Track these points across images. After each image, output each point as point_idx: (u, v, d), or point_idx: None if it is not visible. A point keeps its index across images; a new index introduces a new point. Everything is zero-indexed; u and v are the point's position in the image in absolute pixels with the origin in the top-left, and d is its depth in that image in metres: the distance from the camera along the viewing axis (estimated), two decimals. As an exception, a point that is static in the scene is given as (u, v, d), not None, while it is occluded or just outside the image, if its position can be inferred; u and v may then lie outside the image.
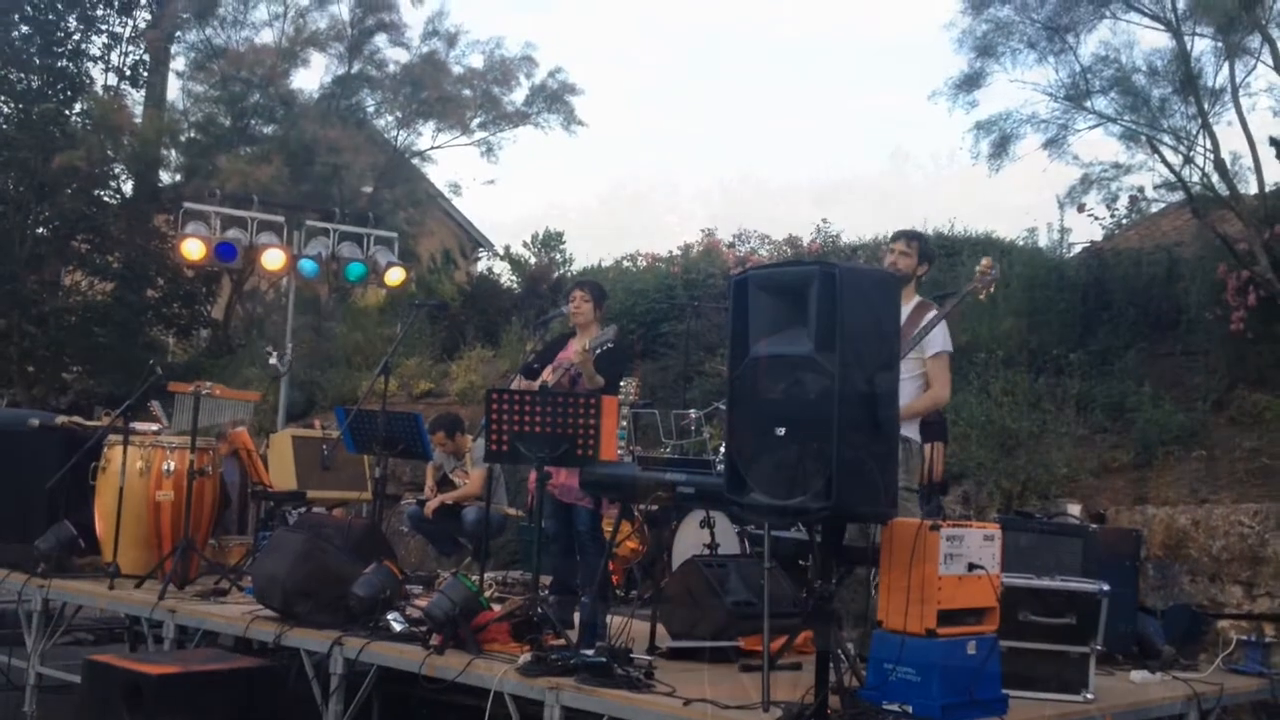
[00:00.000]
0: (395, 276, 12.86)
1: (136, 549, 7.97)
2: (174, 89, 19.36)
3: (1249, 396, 9.03)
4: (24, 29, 17.84)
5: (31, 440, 8.80)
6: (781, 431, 4.69)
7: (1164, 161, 9.54)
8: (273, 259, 12.31)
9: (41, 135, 16.85)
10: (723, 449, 7.03)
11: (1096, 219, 11.25)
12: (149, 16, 18.91)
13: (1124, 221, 12.16)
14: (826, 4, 51.03)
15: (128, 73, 19.08)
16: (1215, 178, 9.28)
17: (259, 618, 6.69)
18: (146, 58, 19.15)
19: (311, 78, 44.95)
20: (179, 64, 19.09)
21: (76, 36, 18.41)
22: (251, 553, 8.25)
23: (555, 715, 5.23)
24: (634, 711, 5.04)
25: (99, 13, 18.78)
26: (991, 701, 4.98)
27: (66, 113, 17.86)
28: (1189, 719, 6.03)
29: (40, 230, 17.76)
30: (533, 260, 18.64)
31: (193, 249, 12.05)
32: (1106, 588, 5.62)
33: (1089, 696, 5.50)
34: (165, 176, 18.56)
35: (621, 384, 8.07)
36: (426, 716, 6.73)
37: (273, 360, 12.11)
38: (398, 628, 6.23)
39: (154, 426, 8.79)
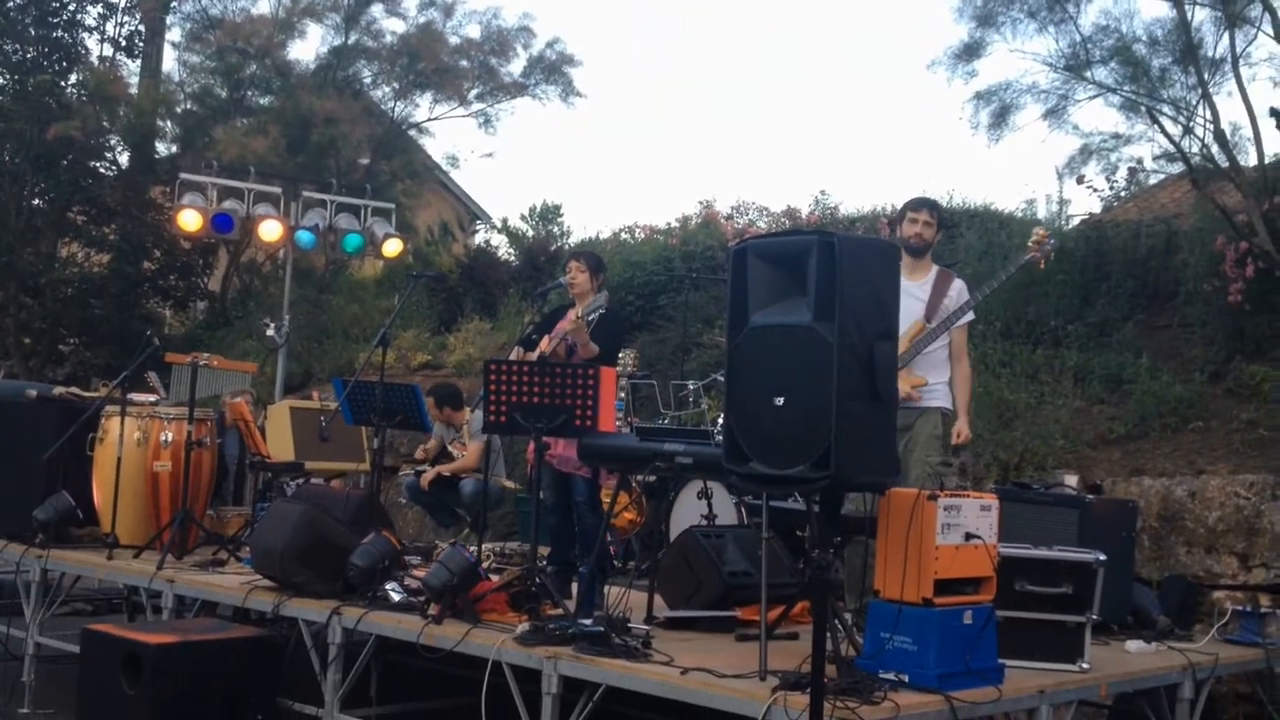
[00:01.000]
0: (393, 248, 12.85)
1: (134, 519, 7.98)
2: (170, 60, 19.31)
3: (1246, 368, 9.03)
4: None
5: (29, 411, 8.79)
6: (780, 401, 4.69)
7: (1164, 132, 9.51)
8: (270, 230, 12.30)
9: (37, 106, 16.78)
10: (721, 419, 7.03)
11: (1095, 190, 11.25)
12: (144, -14, 18.81)
13: (1122, 194, 12.14)
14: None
15: (123, 43, 18.98)
16: (1215, 148, 9.25)
17: (257, 588, 6.70)
18: (142, 28, 19.05)
19: (308, 49, 44.66)
20: (175, 34, 19.02)
21: (72, 7, 18.31)
22: (250, 523, 8.26)
23: (553, 684, 5.24)
24: (632, 680, 5.05)
25: (94, -17, 18.69)
26: (987, 671, 5.00)
27: (62, 84, 17.77)
28: (1184, 689, 6.06)
29: (36, 202, 17.71)
30: (530, 233, 18.62)
31: (189, 220, 12.04)
32: (1103, 557, 5.63)
33: (1085, 666, 5.52)
34: (161, 148, 18.51)
35: (620, 355, 8.07)
36: (424, 686, 6.77)
37: (270, 332, 12.12)
38: (396, 598, 6.23)
39: (151, 398, 8.78)
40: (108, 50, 18.84)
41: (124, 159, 18.65)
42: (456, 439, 9.36)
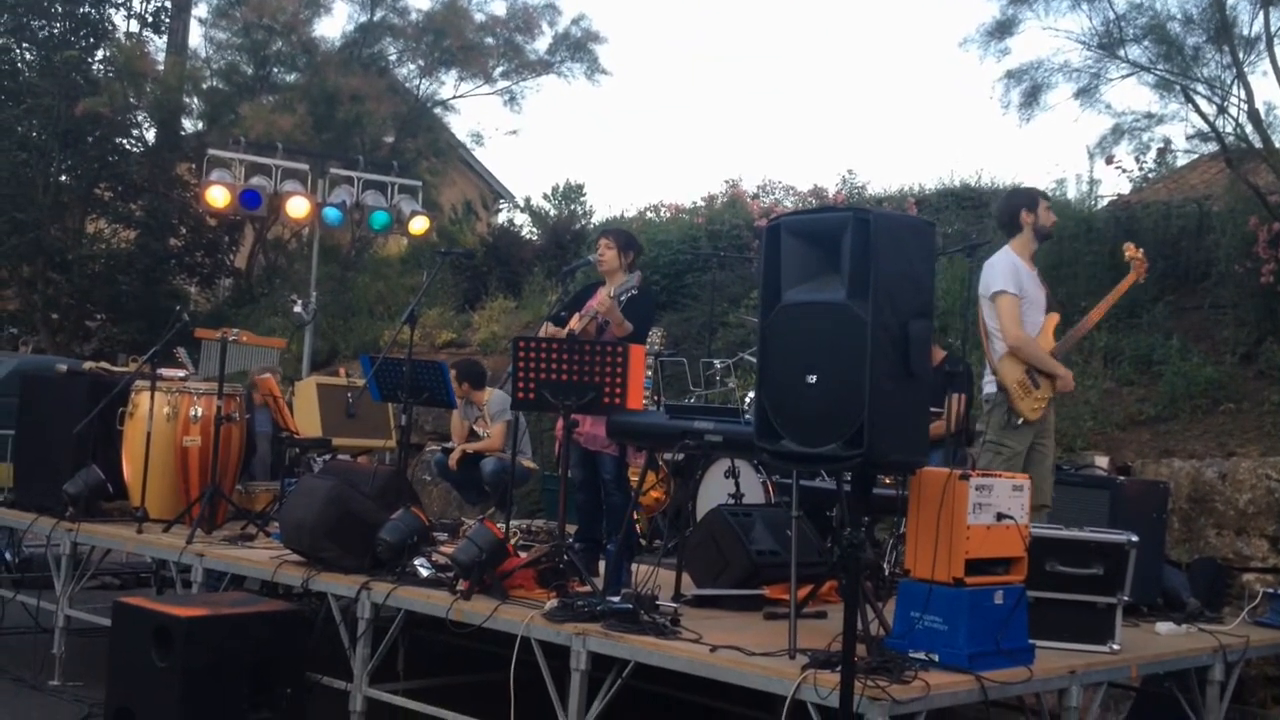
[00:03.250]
0: (419, 225, 12.87)
1: (164, 494, 8.00)
2: (196, 36, 19.34)
3: (1278, 350, 8.96)
4: (47, -25, 17.78)
5: (59, 386, 8.82)
6: (813, 379, 4.66)
7: (1198, 111, 9.43)
8: (297, 207, 12.33)
9: (64, 82, 16.82)
10: (749, 397, 7.02)
11: (1124, 171, 11.17)
12: (171, -37, 18.84)
13: (1150, 175, 12.04)
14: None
15: (150, 19, 19.00)
16: (1249, 128, 9.17)
17: (287, 562, 6.72)
18: (169, 4, 19.08)
19: (334, 25, 44.74)
20: (201, 11, 19.11)
21: (99, -18, 18.34)
22: (278, 498, 8.29)
23: (582, 661, 5.25)
24: (661, 657, 5.05)
25: (121, -41, 18.71)
26: (1018, 651, 4.99)
27: (89, 60, 17.83)
28: (1214, 670, 6.05)
29: (63, 178, 17.76)
30: (553, 212, 18.61)
31: (218, 196, 12.07)
32: (1135, 538, 5.61)
33: (1115, 647, 5.51)
34: (188, 124, 18.59)
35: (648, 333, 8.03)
36: (452, 661, 6.79)
37: (297, 308, 12.16)
38: (425, 573, 6.25)
39: (180, 373, 8.81)
40: (134, 26, 18.89)
41: (150, 135, 18.73)
42: (479, 417, 9.36)
